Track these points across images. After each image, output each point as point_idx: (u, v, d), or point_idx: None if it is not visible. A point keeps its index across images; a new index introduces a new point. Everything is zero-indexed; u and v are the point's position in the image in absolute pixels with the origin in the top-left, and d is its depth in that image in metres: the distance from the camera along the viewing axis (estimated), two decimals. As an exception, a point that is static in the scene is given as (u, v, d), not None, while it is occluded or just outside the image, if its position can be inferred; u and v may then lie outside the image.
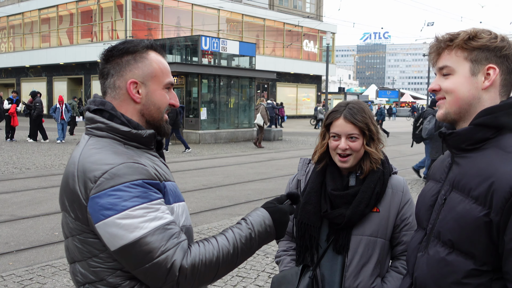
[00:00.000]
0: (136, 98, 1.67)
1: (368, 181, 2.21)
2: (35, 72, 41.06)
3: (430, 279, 1.57)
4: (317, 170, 2.32)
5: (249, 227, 1.62)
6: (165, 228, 1.49)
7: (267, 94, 43.49)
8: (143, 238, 1.45)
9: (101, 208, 1.47)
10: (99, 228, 1.48)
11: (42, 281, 5.10)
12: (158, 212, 1.51)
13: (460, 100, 1.58)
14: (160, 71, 1.70)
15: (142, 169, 1.55)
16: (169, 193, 1.64)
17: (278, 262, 2.44)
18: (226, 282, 5.07)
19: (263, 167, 14.08)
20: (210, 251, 1.54)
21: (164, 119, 1.74)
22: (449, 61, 1.60)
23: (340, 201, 2.20)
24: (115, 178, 1.49)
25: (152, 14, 35.50)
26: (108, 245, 1.49)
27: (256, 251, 1.66)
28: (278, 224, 1.67)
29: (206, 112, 21.39)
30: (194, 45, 22.59)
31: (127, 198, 1.48)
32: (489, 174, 1.45)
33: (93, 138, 1.64)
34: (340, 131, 2.20)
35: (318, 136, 2.35)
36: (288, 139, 23.89)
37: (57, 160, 14.57)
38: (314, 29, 45.63)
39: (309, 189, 2.27)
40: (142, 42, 1.72)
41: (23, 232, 7.10)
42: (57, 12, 38.07)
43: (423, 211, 1.71)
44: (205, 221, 7.78)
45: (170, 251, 1.47)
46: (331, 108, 2.33)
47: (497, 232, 1.41)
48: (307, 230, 2.24)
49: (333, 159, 2.26)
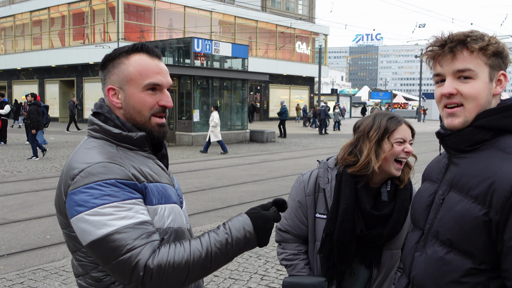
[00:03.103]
0: (115, 104, 1.71)
1: (401, 199, 2.22)
2: (27, 75, 40.84)
3: (428, 278, 1.57)
4: (348, 183, 2.22)
5: (226, 232, 1.59)
6: (135, 228, 1.51)
7: (260, 96, 43.55)
8: (110, 235, 1.48)
9: (75, 204, 1.53)
10: (73, 223, 1.55)
11: (33, 285, 5.05)
12: (130, 212, 1.53)
13: (479, 107, 1.53)
14: (138, 74, 1.68)
15: (117, 169, 1.58)
16: (152, 194, 1.64)
17: (289, 265, 2.38)
18: (219, 284, 5.04)
19: (256, 169, 14.06)
20: (180, 253, 1.52)
21: (152, 122, 1.72)
22: (472, 64, 1.52)
23: (377, 221, 2.19)
24: (89, 176, 1.54)
25: (144, 16, 35.40)
26: (81, 240, 1.55)
27: (235, 257, 1.62)
28: (259, 231, 1.62)
29: (199, 114, 21.39)
30: (187, 47, 22.54)
31: (98, 196, 1.52)
32: (489, 174, 1.45)
33: (90, 138, 1.72)
34: (405, 136, 2.20)
35: (361, 149, 2.23)
36: (281, 141, 23.91)
37: (49, 163, 14.48)
38: (306, 31, 45.72)
39: (346, 207, 2.19)
40: (128, 46, 1.73)
41: (14, 235, 7.04)
42: (48, 14, 37.89)
43: (419, 211, 1.70)
44: (198, 223, 7.75)
45: (136, 249, 1.48)
46: (382, 117, 2.24)
47: (496, 231, 1.42)
48: (343, 247, 2.20)
49: (387, 168, 2.19)
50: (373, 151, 2.18)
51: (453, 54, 1.54)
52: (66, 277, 5.27)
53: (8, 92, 41.48)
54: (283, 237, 2.42)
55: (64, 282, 5.13)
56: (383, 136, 2.18)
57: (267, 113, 44.30)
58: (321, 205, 2.30)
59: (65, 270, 5.48)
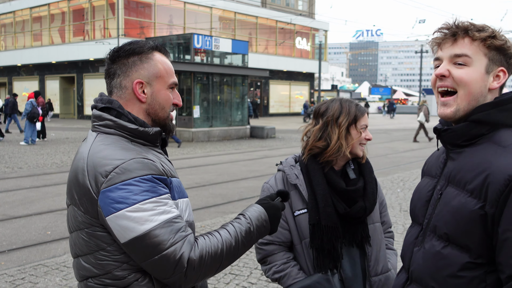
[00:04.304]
0: (141, 98, 1.73)
1: (368, 172, 2.38)
2: (27, 71, 40.81)
3: (426, 273, 1.58)
4: (316, 170, 2.29)
5: (248, 222, 1.70)
6: (173, 222, 1.55)
7: (260, 92, 43.51)
8: (153, 230, 1.51)
9: (112, 201, 1.52)
10: (110, 221, 1.53)
11: (34, 281, 5.08)
12: (167, 206, 1.57)
13: (470, 95, 1.55)
14: (165, 72, 1.76)
15: (152, 164, 1.61)
16: (174, 189, 1.70)
17: (282, 276, 2.28)
18: (219, 280, 5.06)
19: (256, 164, 14.08)
20: (215, 243, 1.60)
21: (169, 117, 1.80)
22: (470, 51, 1.54)
23: (355, 196, 2.28)
24: (126, 172, 1.54)
25: (144, 12, 35.33)
26: (119, 238, 1.54)
27: (254, 244, 1.75)
28: (272, 219, 1.76)
29: (199, 110, 21.39)
30: (187, 43, 22.50)
31: (138, 192, 1.53)
32: (484, 168, 1.46)
33: (101, 135, 1.69)
34: (367, 122, 2.38)
35: (332, 136, 2.29)
36: (281, 137, 23.90)
37: (49, 159, 14.50)
38: (306, 26, 45.65)
39: (323, 192, 2.24)
40: (148, 43, 1.78)
41: (15, 231, 7.06)
42: (48, 10, 37.83)
43: (419, 207, 1.71)
44: (198, 219, 7.77)
45: (178, 243, 1.53)
46: (349, 104, 2.37)
47: (491, 224, 1.43)
48: (333, 232, 2.22)
49: (354, 151, 2.32)
50: (343, 136, 2.28)
51: (454, 39, 1.57)
52: (67, 272, 5.29)
53: (9, 88, 41.47)
54: (267, 250, 2.34)
55: (65, 277, 5.15)
56: (351, 123, 2.31)
57: (267, 109, 44.29)
58: (296, 201, 2.31)
59: (66, 265, 5.50)
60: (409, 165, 13.90)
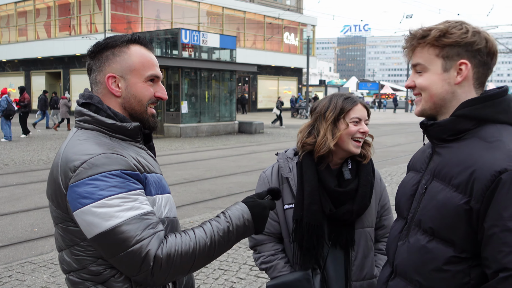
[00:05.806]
0: (115, 92, 1.71)
1: (364, 173, 2.27)
2: (12, 67, 40.35)
3: (411, 267, 1.60)
4: (309, 167, 2.26)
5: (227, 220, 1.63)
6: (142, 218, 1.52)
7: (248, 87, 43.46)
8: (118, 226, 1.48)
9: (79, 196, 1.50)
10: (77, 216, 1.52)
11: (22, 278, 5.04)
12: (136, 202, 1.53)
13: (434, 97, 1.61)
14: (141, 64, 1.72)
15: (121, 159, 1.57)
16: (151, 184, 1.66)
17: (268, 268, 2.32)
18: (208, 275, 5.07)
19: (244, 160, 14.08)
20: (186, 242, 1.55)
21: (148, 112, 1.76)
22: (422, 59, 1.62)
23: (344, 198, 2.21)
24: (93, 167, 1.52)
25: (131, 7, 35.09)
26: (85, 233, 1.52)
27: (233, 244, 1.68)
28: (256, 219, 1.68)
29: (187, 106, 21.32)
30: (174, 38, 22.41)
31: (104, 187, 1.50)
32: (470, 163, 1.48)
33: (80, 130, 1.68)
34: (361, 115, 2.25)
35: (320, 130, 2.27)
36: (270, 132, 23.92)
37: (36, 155, 14.37)
38: (294, 21, 45.63)
39: (310, 189, 2.21)
40: (124, 36, 1.75)
41: (2, 228, 7.00)
42: (34, 5, 37.41)
43: (403, 201, 1.72)
44: (187, 214, 7.76)
45: (145, 240, 1.49)
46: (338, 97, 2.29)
47: (476, 219, 1.44)
48: (314, 231, 2.20)
49: (345, 146, 2.23)
50: (330, 130, 2.23)
51: (411, 50, 1.66)
52: (55, 269, 5.26)
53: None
54: (256, 239, 2.36)
55: (52, 275, 5.12)
56: (338, 116, 2.24)
57: (256, 104, 44.25)
58: (287, 195, 2.30)
59: (54, 263, 5.47)
60: (397, 160, 13.99)
